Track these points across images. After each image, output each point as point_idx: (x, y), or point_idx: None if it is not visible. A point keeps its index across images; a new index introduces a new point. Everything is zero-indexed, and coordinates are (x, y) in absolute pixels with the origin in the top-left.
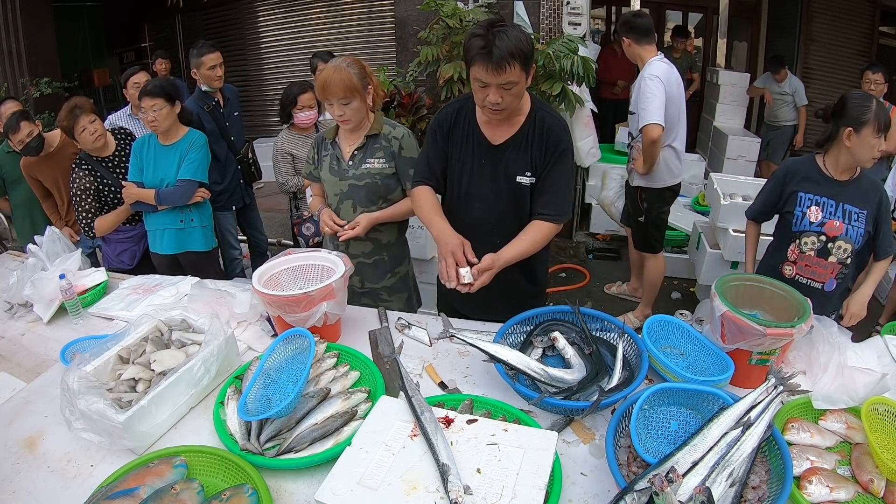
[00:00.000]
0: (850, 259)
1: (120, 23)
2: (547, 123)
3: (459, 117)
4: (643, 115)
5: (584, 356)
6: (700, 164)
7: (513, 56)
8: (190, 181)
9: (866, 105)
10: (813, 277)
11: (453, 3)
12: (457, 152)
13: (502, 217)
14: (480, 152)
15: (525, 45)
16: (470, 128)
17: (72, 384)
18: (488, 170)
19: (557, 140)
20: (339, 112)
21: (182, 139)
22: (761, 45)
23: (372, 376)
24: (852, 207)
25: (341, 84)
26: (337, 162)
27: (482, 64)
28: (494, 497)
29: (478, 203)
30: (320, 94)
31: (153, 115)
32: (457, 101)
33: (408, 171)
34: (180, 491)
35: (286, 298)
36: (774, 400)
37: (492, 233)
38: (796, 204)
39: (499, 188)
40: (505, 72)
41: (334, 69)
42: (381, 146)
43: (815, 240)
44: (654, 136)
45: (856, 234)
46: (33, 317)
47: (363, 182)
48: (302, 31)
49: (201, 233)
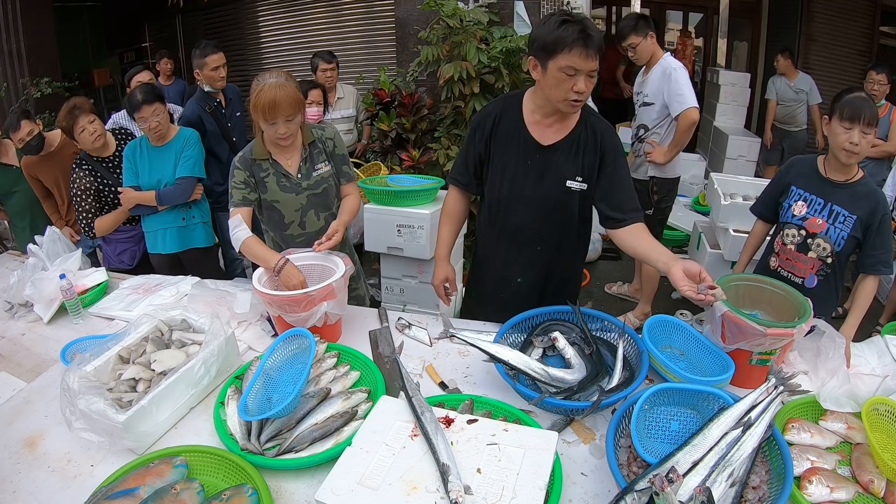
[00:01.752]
0: (830, 258)
1: (120, 23)
2: (599, 128)
3: (504, 116)
4: (681, 101)
5: (584, 356)
6: (700, 164)
7: (600, 48)
8: (189, 178)
9: (841, 95)
10: (793, 272)
11: (454, 3)
12: (500, 153)
13: (546, 222)
14: (528, 153)
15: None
16: (516, 127)
17: (72, 384)
18: (535, 172)
19: (614, 144)
20: (284, 130)
21: (175, 138)
22: (761, 45)
23: (372, 376)
24: (840, 209)
25: (289, 101)
26: (286, 178)
27: (581, 50)
28: (495, 497)
29: (520, 207)
30: (266, 115)
31: (157, 121)
32: (500, 100)
33: (342, 168)
34: (180, 491)
35: (286, 298)
36: (775, 400)
37: (533, 238)
38: (787, 196)
39: (546, 192)
40: (598, 58)
41: (278, 87)
42: (320, 150)
43: (795, 233)
44: (696, 119)
45: (837, 236)
46: (34, 317)
47: (320, 189)
48: (302, 31)
49: (203, 229)
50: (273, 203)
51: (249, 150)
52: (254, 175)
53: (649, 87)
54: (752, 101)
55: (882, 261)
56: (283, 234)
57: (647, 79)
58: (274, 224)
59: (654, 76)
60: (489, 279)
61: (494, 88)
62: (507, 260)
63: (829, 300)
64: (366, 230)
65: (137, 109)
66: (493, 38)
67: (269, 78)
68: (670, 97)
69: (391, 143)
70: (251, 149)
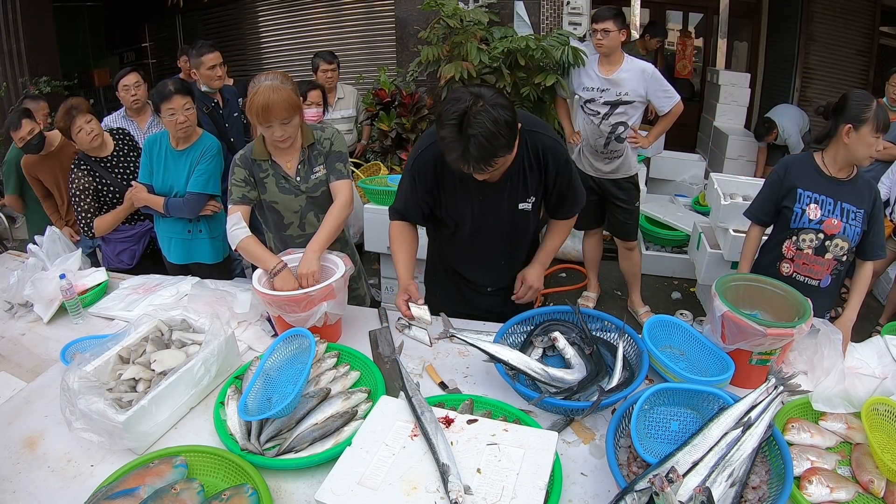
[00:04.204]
0: (845, 256)
1: (120, 23)
2: (539, 145)
3: (444, 161)
4: (670, 95)
5: (584, 356)
6: (700, 164)
7: (494, 155)
8: (199, 195)
9: (867, 103)
10: (810, 275)
11: (454, 3)
12: (450, 198)
13: (506, 242)
14: (477, 192)
15: (502, 134)
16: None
17: (72, 384)
18: (488, 206)
19: (556, 157)
20: (281, 133)
21: (194, 145)
22: (761, 45)
23: (372, 376)
24: (850, 206)
25: (283, 104)
26: (285, 180)
27: (465, 168)
28: (494, 497)
29: (482, 238)
30: (260, 118)
31: (185, 115)
32: (433, 143)
33: (334, 166)
34: (180, 491)
35: (286, 298)
36: (775, 400)
37: (498, 258)
38: (796, 200)
39: (502, 219)
40: (490, 168)
41: (272, 89)
42: (319, 151)
43: (813, 237)
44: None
45: (853, 233)
46: (33, 317)
47: (319, 192)
48: (302, 31)
49: (209, 244)
50: (272, 204)
51: (250, 150)
52: (253, 175)
53: (628, 85)
54: (751, 101)
55: (881, 245)
56: (282, 235)
57: (617, 77)
58: (273, 224)
59: (630, 75)
60: (452, 283)
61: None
62: (470, 276)
63: (835, 295)
64: (366, 230)
65: (168, 99)
66: (494, 39)
67: (265, 80)
68: (657, 94)
69: (391, 143)
70: (251, 148)
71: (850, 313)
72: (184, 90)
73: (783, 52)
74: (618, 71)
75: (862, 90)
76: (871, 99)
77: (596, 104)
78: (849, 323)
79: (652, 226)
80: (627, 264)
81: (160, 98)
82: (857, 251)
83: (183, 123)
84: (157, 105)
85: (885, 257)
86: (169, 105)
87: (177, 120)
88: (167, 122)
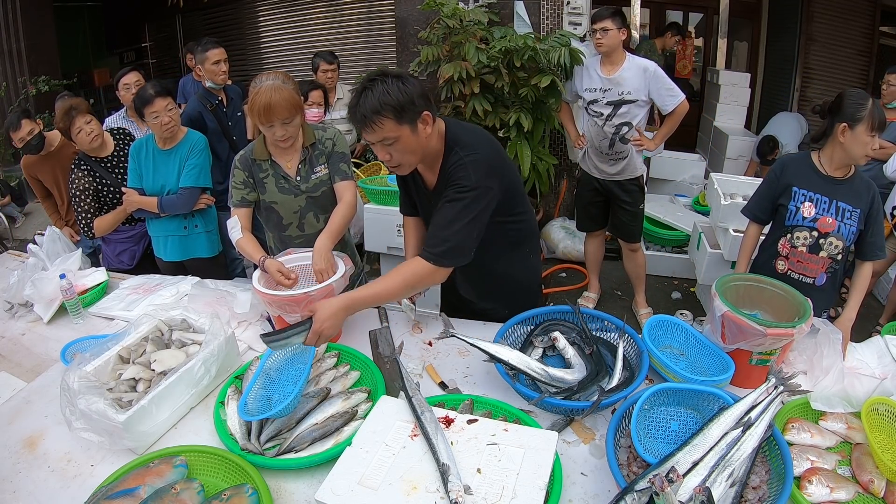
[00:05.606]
0: (840, 255)
1: (120, 23)
2: (451, 164)
3: None
4: (674, 94)
5: (584, 356)
6: (700, 164)
7: (377, 112)
8: (192, 188)
9: (862, 102)
10: (804, 273)
11: (454, 3)
12: (418, 200)
13: None
14: (427, 198)
15: (395, 96)
16: (412, 175)
17: (72, 384)
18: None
19: (456, 180)
20: (282, 133)
21: (181, 143)
22: (761, 45)
23: (372, 376)
24: (846, 205)
25: (285, 104)
26: (285, 180)
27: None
28: (495, 497)
29: None
30: (262, 118)
31: (168, 115)
32: None
33: (338, 167)
34: (180, 491)
35: (286, 298)
36: (775, 400)
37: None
38: (791, 198)
39: None
40: (373, 130)
41: (273, 89)
42: (320, 151)
43: (807, 235)
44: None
45: (847, 232)
46: (34, 316)
47: (319, 192)
48: (302, 31)
49: (206, 238)
50: (272, 204)
51: (250, 150)
52: (253, 175)
53: (630, 84)
54: (752, 101)
55: (880, 246)
56: (281, 235)
57: (619, 76)
58: (273, 225)
59: (632, 74)
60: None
61: (494, 88)
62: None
63: (833, 294)
64: (366, 230)
65: (150, 103)
66: (493, 38)
67: (266, 80)
68: (661, 93)
69: None
70: (252, 148)
71: (849, 313)
72: (164, 92)
73: (783, 52)
74: (619, 70)
75: (858, 89)
76: (866, 98)
77: (599, 105)
78: (848, 323)
79: (652, 226)
80: (632, 265)
81: (142, 103)
82: (857, 251)
83: (167, 124)
84: (139, 111)
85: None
86: (152, 109)
87: (161, 122)
88: (152, 125)
